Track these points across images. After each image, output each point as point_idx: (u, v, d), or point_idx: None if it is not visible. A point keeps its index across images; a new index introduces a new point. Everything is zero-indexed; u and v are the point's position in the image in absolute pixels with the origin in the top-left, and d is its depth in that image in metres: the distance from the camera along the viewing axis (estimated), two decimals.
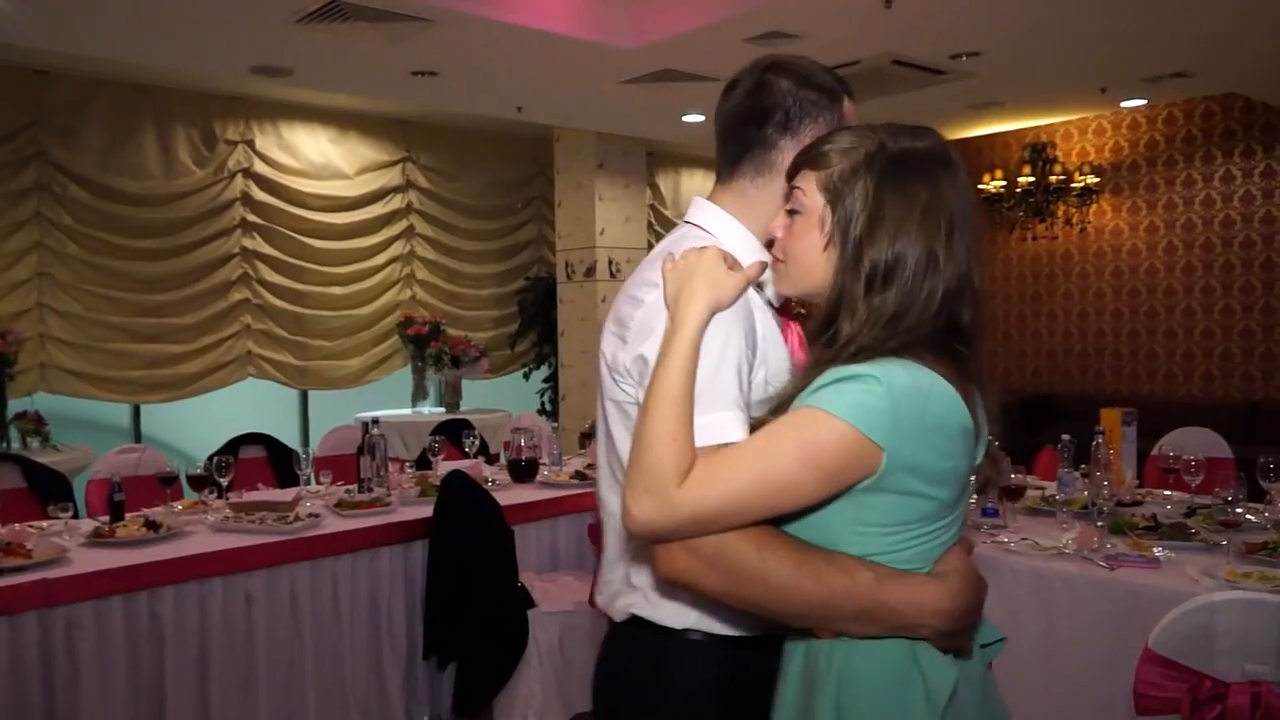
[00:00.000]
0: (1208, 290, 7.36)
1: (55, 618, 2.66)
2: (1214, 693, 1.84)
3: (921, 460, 1.20)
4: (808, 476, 1.18)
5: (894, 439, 1.17)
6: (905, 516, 1.22)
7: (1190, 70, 6.01)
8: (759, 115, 1.50)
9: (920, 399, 1.19)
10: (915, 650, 1.23)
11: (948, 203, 1.29)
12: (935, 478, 1.22)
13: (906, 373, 1.19)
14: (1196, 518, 3.10)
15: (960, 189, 1.32)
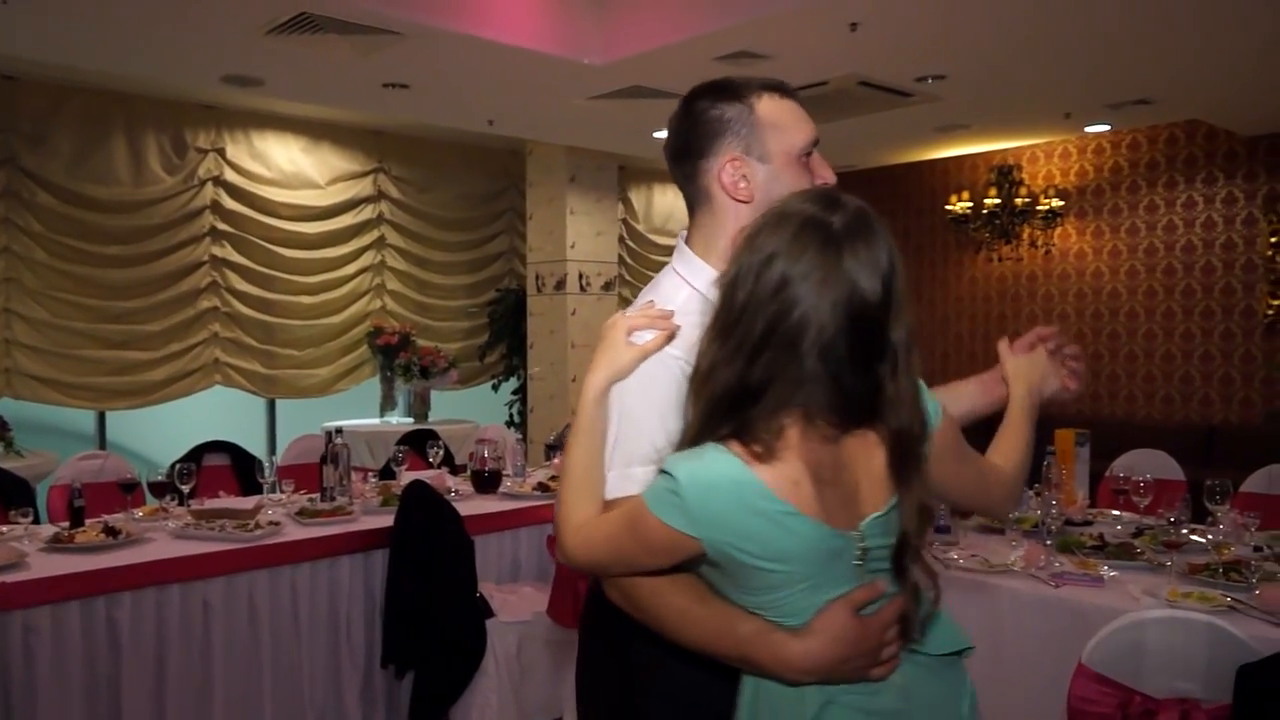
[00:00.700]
0: (1169, 314, 7.48)
1: (12, 622, 2.67)
2: (1144, 709, 1.91)
3: (746, 543, 1.23)
4: (645, 554, 1.29)
5: (703, 530, 1.22)
6: (757, 583, 1.26)
7: (1152, 97, 6.14)
8: (678, 153, 1.55)
9: (703, 493, 1.22)
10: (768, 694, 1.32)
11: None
12: (769, 555, 1.23)
13: (699, 467, 1.22)
14: (1143, 538, 3.17)
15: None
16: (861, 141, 7.53)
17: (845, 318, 1.23)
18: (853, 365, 1.24)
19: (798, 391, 1.23)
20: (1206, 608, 2.40)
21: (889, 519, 1.28)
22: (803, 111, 1.55)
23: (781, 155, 1.51)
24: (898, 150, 8.15)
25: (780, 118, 1.52)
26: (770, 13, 4.45)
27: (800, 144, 1.53)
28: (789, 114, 1.53)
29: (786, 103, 1.54)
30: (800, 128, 1.54)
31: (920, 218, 8.74)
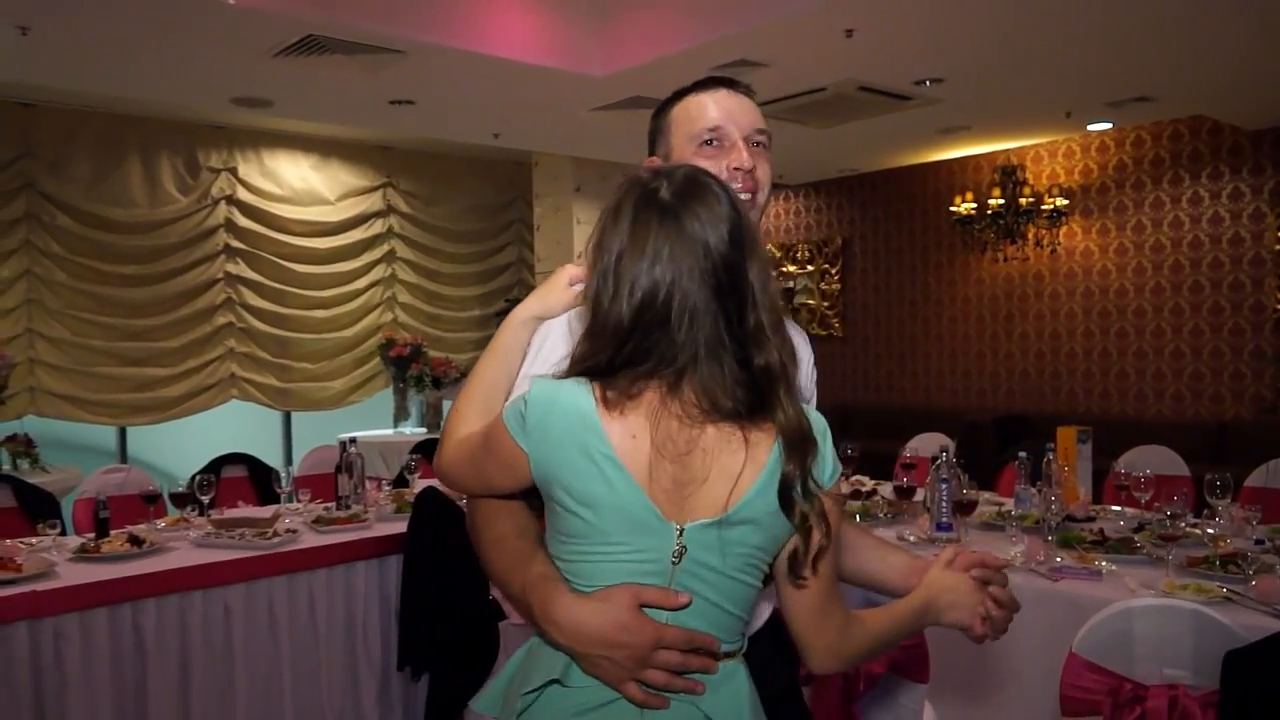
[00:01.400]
0: (1177, 311, 7.49)
1: (43, 628, 2.77)
2: (1134, 695, 1.96)
3: (564, 473, 1.23)
4: (493, 465, 1.31)
5: (534, 445, 1.24)
6: (565, 529, 1.27)
7: (1153, 94, 6.17)
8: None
9: (545, 409, 1.23)
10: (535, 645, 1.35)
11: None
12: (580, 496, 1.23)
13: (554, 387, 1.25)
14: (1143, 533, 3.22)
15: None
16: (864, 145, 7.59)
17: (705, 276, 1.24)
18: (726, 320, 1.24)
19: (668, 365, 1.23)
20: (1202, 599, 2.45)
21: (722, 535, 1.23)
22: (721, 102, 1.56)
23: (679, 147, 1.56)
24: (901, 153, 8.20)
25: (686, 113, 1.57)
26: (766, 22, 4.53)
27: (692, 131, 1.55)
28: (695, 107, 1.56)
29: (701, 97, 1.57)
30: (701, 117, 1.55)
31: (925, 219, 8.77)
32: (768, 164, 1.58)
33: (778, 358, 1.25)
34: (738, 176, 1.53)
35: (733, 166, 1.53)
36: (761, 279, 1.27)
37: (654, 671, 1.23)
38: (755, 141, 1.56)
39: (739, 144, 1.54)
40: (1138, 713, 1.93)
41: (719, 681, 1.28)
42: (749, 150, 1.55)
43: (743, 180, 1.53)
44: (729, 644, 1.29)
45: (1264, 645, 1.81)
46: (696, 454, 1.23)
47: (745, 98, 1.59)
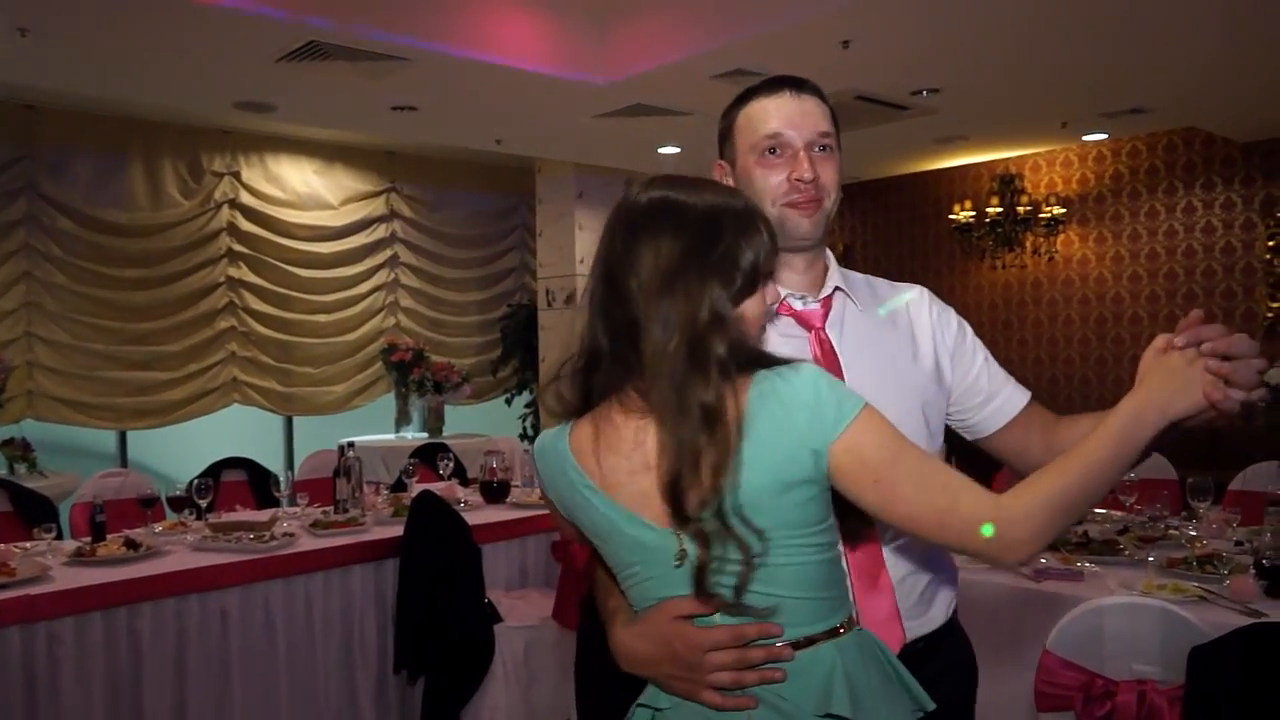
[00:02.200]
0: (1171, 319, 7.52)
1: (37, 632, 2.79)
2: (1104, 690, 2.01)
3: (573, 514, 1.34)
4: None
5: (549, 492, 1.38)
6: (606, 563, 1.36)
7: (1147, 106, 6.22)
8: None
9: (540, 459, 1.36)
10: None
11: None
12: (591, 530, 1.32)
13: (543, 435, 1.37)
14: (1127, 535, 3.27)
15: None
16: (864, 154, 7.65)
17: (597, 272, 1.32)
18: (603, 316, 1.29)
19: (616, 364, 1.28)
20: (1177, 598, 2.50)
21: (713, 526, 1.21)
22: (782, 107, 1.54)
23: (742, 155, 1.58)
24: (900, 161, 8.26)
25: (749, 119, 1.57)
26: (764, 32, 4.58)
27: (753, 140, 1.56)
28: (757, 113, 1.56)
29: (764, 102, 1.56)
30: (762, 124, 1.55)
31: (925, 227, 8.83)
32: (834, 167, 1.57)
33: (664, 339, 1.22)
34: (799, 187, 1.53)
35: (794, 178, 1.53)
36: (641, 270, 1.25)
37: (718, 674, 1.22)
38: (820, 146, 1.55)
39: (800, 153, 1.53)
40: (1108, 708, 1.98)
41: (802, 667, 1.23)
42: (811, 157, 1.53)
43: (805, 190, 1.53)
44: (806, 627, 1.24)
45: (1228, 641, 1.86)
46: (646, 449, 1.23)
47: (811, 98, 1.57)
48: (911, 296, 1.70)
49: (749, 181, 1.57)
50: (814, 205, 1.55)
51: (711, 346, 1.21)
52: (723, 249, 1.26)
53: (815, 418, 1.20)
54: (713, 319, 1.22)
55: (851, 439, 1.20)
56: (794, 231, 1.55)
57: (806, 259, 1.61)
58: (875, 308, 1.65)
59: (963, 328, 1.70)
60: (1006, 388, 1.67)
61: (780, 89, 1.56)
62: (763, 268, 1.29)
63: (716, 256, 1.25)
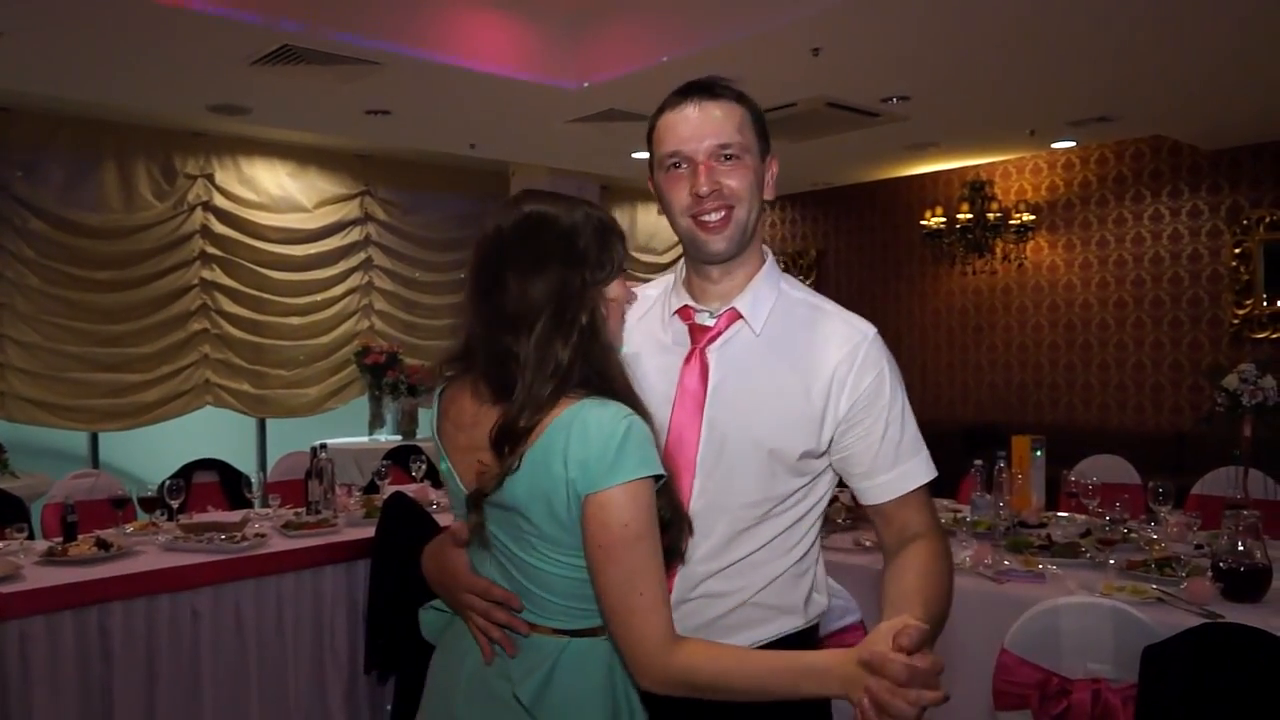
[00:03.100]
0: (1138, 325, 7.65)
1: (9, 630, 2.80)
2: (1060, 689, 2.06)
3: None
4: None
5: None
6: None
7: (1113, 114, 6.33)
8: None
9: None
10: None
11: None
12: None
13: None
14: (1089, 538, 3.33)
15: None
16: (835, 160, 7.72)
17: (474, 280, 1.49)
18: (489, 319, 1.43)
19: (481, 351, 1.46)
20: (1135, 599, 2.56)
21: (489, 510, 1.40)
22: (685, 121, 1.52)
23: (655, 171, 1.58)
24: (871, 167, 8.34)
25: (657, 135, 1.56)
26: (735, 39, 4.64)
27: (659, 156, 1.55)
28: (663, 128, 1.55)
29: (668, 117, 1.55)
30: (665, 140, 1.54)
31: (896, 232, 8.92)
32: (744, 174, 1.52)
33: (527, 351, 1.36)
34: (700, 202, 1.50)
35: (693, 191, 1.51)
36: (520, 283, 1.38)
37: (469, 613, 1.44)
38: (724, 156, 1.51)
39: (699, 166, 1.50)
40: (1064, 705, 2.03)
41: (528, 650, 1.41)
42: (712, 168, 1.50)
43: (707, 204, 1.50)
44: (540, 617, 1.41)
45: (1179, 640, 1.91)
46: (481, 428, 1.39)
47: (716, 104, 1.52)
48: (840, 339, 1.54)
49: (661, 197, 1.57)
50: (723, 222, 1.51)
51: (558, 353, 1.36)
52: (578, 261, 1.40)
53: (589, 465, 1.31)
54: (555, 328, 1.38)
55: (606, 500, 1.30)
56: (705, 249, 1.54)
57: (721, 269, 1.57)
58: (785, 334, 1.55)
59: (877, 395, 1.53)
60: (887, 474, 1.53)
61: (684, 101, 1.53)
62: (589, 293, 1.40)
63: (570, 272, 1.39)
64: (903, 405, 1.56)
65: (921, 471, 1.55)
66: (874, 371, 1.53)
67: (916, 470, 1.55)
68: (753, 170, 1.53)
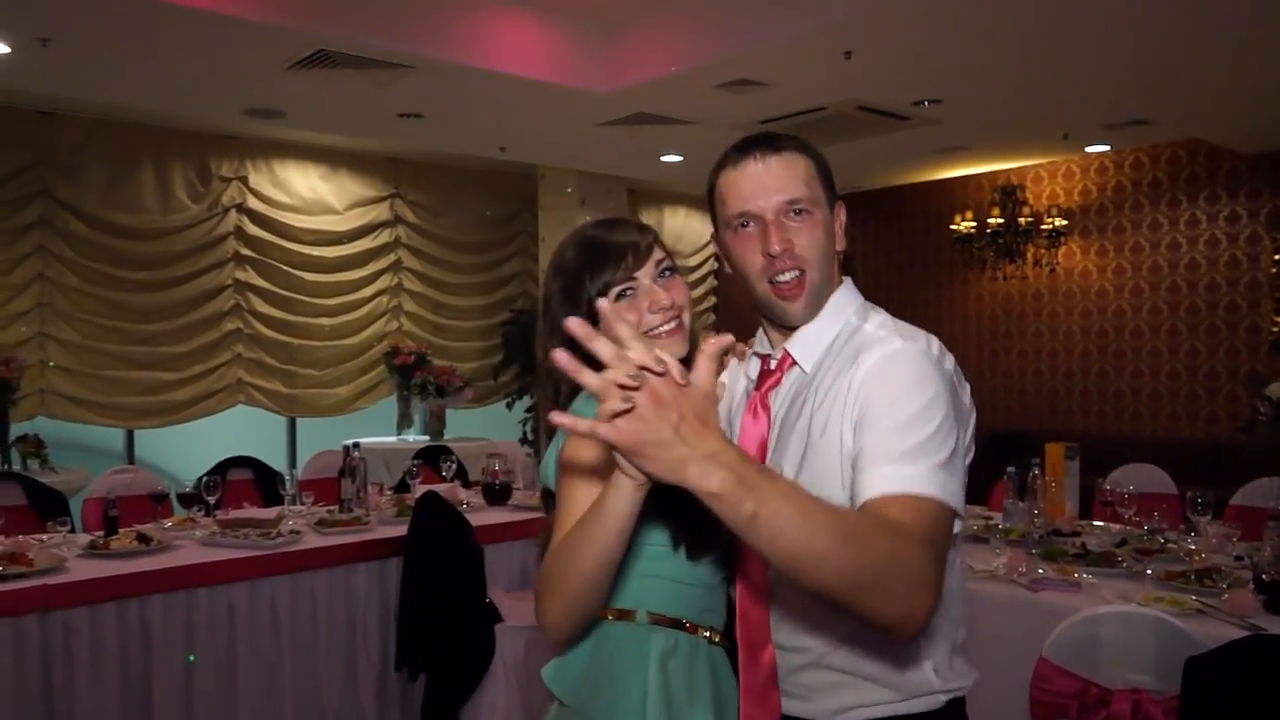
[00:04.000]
0: (1173, 332, 7.56)
1: (53, 621, 2.86)
2: (1099, 698, 2.04)
3: None
4: None
5: None
6: None
7: (1150, 118, 6.26)
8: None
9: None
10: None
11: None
12: None
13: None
14: (1125, 548, 3.29)
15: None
16: (865, 163, 7.70)
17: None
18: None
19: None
20: (1175, 610, 2.53)
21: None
22: (750, 180, 1.46)
23: (721, 231, 1.52)
24: (901, 171, 8.31)
25: (720, 194, 1.51)
26: (767, 42, 4.63)
27: (725, 216, 1.50)
28: (726, 187, 1.49)
29: (731, 175, 1.49)
30: (730, 200, 1.48)
31: (926, 237, 8.87)
32: (813, 230, 1.46)
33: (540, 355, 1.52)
34: (773, 263, 1.45)
35: (765, 252, 1.45)
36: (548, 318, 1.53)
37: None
38: (793, 211, 1.45)
39: (769, 226, 1.44)
40: (1102, 716, 2.01)
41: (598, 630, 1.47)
42: (782, 225, 1.44)
43: (780, 263, 1.45)
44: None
45: (1223, 652, 1.89)
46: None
47: (780, 158, 1.46)
48: (865, 358, 1.41)
49: (731, 258, 1.52)
50: (798, 285, 1.46)
51: (554, 379, 1.49)
52: (559, 291, 1.51)
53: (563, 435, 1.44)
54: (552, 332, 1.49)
55: (559, 456, 1.43)
56: (783, 317, 1.50)
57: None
58: (832, 369, 1.46)
59: (877, 386, 1.37)
60: (872, 471, 1.29)
61: (746, 156, 1.46)
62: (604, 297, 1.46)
63: (555, 301, 1.52)
64: (923, 407, 1.32)
65: (917, 481, 1.25)
66: (876, 362, 1.38)
67: (911, 476, 1.26)
68: (822, 225, 1.48)
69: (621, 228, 1.53)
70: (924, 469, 1.26)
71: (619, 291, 1.48)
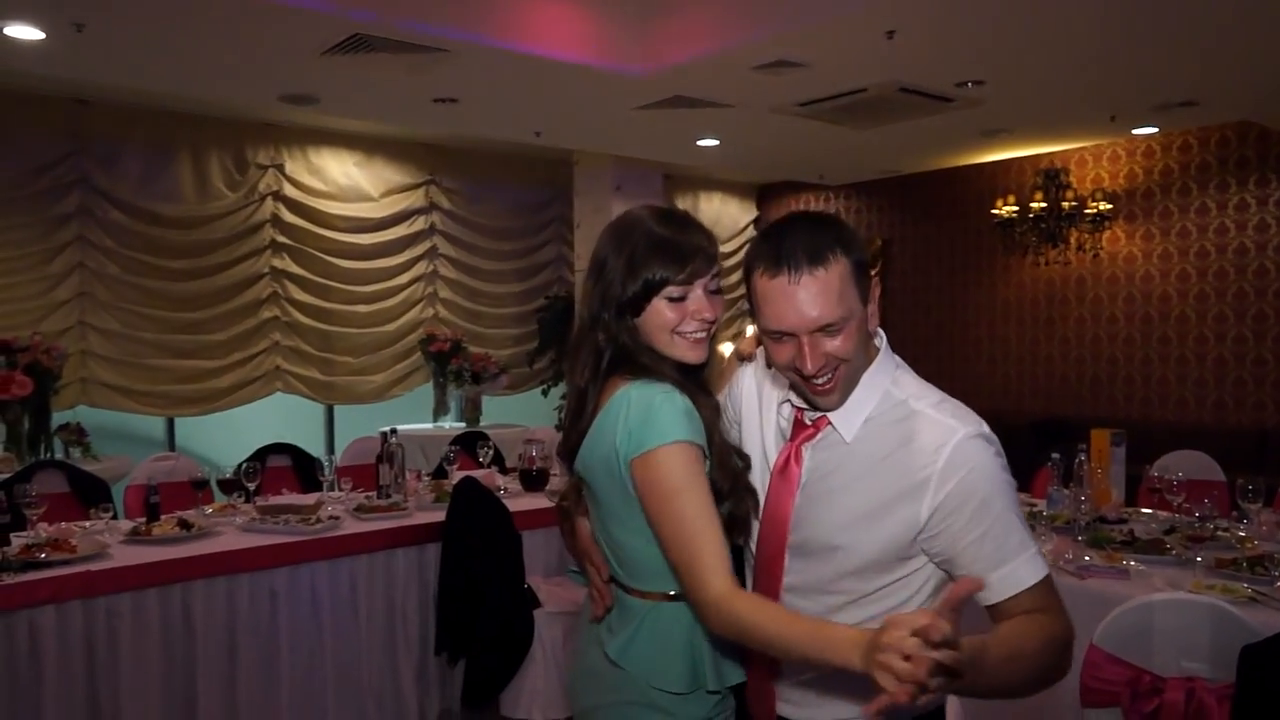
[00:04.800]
0: (1220, 318, 7.40)
1: (97, 607, 2.89)
2: (1152, 687, 1.99)
3: None
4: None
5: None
6: None
7: (1199, 99, 6.11)
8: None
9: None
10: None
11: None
12: None
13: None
14: (1174, 535, 3.23)
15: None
16: (905, 146, 7.59)
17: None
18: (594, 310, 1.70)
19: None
20: (1227, 598, 2.47)
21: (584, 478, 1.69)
22: (787, 300, 1.47)
23: (759, 323, 1.54)
24: (942, 155, 8.18)
25: (759, 298, 1.51)
26: (807, 23, 4.56)
27: (762, 324, 1.52)
28: (762, 296, 1.50)
29: (766, 285, 1.49)
30: (768, 314, 1.50)
31: (966, 221, 8.74)
32: (850, 336, 1.48)
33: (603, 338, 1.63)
34: (806, 380, 1.50)
35: (798, 368, 1.49)
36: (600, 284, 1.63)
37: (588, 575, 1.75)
38: (825, 329, 1.47)
39: (803, 344, 1.47)
40: (1155, 704, 1.96)
41: (620, 611, 1.65)
42: (815, 342, 1.47)
43: (817, 375, 1.48)
44: (633, 582, 1.64)
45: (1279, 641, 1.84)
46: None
47: (813, 279, 1.45)
48: (925, 442, 1.48)
49: (767, 348, 1.56)
50: (832, 384, 1.50)
51: (595, 343, 1.63)
52: (621, 265, 1.60)
53: (633, 432, 1.53)
54: (594, 320, 1.63)
55: (648, 461, 1.52)
56: (815, 403, 1.55)
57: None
58: (875, 441, 1.52)
59: (965, 498, 1.45)
60: (991, 576, 1.43)
61: (780, 271, 1.46)
62: (658, 291, 1.59)
63: (612, 272, 1.61)
64: (1003, 505, 1.45)
65: (1027, 572, 1.44)
66: (959, 474, 1.45)
67: (1021, 571, 1.44)
68: (857, 326, 1.49)
69: (694, 230, 1.63)
70: (1026, 558, 1.45)
71: (675, 294, 1.60)
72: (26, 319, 6.27)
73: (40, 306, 6.40)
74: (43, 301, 6.42)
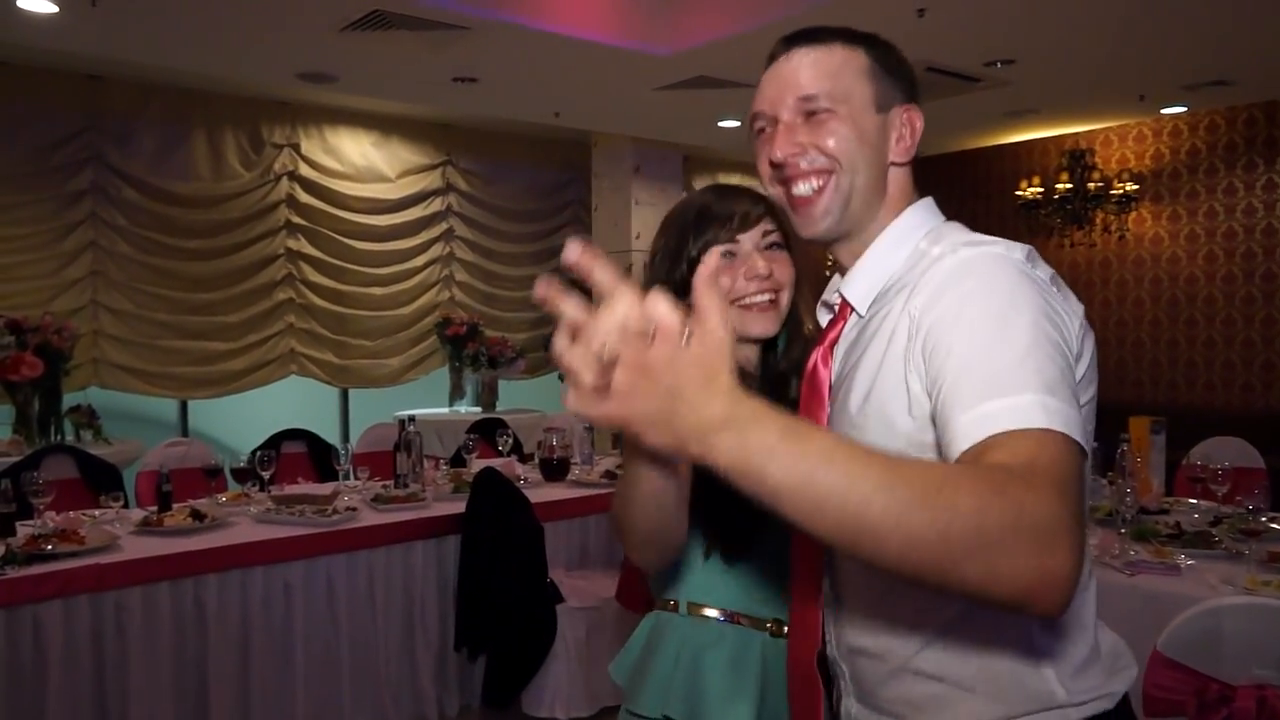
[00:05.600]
0: (1248, 300, 7.28)
1: (106, 601, 2.80)
2: (1221, 695, 1.89)
3: None
4: None
5: None
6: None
7: (1230, 78, 6.00)
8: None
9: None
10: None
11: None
12: None
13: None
14: (1221, 527, 3.12)
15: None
16: (931, 127, 7.23)
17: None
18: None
19: None
20: None
21: None
22: (770, 79, 1.23)
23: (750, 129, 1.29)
24: (968, 135, 8.05)
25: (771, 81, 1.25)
26: (834, 1, 4.43)
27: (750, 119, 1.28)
28: (758, 87, 1.27)
29: (765, 72, 1.26)
30: (755, 98, 1.26)
31: (990, 203, 8.61)
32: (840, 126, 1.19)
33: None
34: (779, 170, 1.21)
35: (768, 160, 1.22)
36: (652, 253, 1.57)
37: None
38: (806, 112, 1.19)
39: (778, 129, 1.21)
40: (1224, 713, 1.86)
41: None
42: (791, 129, 1.20)
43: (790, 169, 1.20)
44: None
45: None
46: None
47: (805, 52, 1.20)
48: (937, 268, 1.11)
49: (758, 168, 1.28)
50: (816, 195, 1.19)
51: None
52: (669, 248, 1.51)
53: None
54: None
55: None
56: (800, 231, 1.25)
57: (843, 247, 1.26)
58: (886, 308, 1.18)
59: (950, 307, 1.04)
60: (964, 416, 0.95)
61: (776, 53, 1.24)
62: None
63: (660, 260, 1.52)
64: (1007, 323, 0.99)
65: (1018, 412, 0.91)
66: (938, 280, 1.08)
67: (1012, 409, 0.92)
68: (852, 122, 1.19)
69: (735, 194, 1.50)
70: (1028, 399, 0.92)
71: (722, 252, 1.43)
72: (38, 298, 6.17)
73: (52, 285, 6.30)
74: (54, 280, 6.32)
